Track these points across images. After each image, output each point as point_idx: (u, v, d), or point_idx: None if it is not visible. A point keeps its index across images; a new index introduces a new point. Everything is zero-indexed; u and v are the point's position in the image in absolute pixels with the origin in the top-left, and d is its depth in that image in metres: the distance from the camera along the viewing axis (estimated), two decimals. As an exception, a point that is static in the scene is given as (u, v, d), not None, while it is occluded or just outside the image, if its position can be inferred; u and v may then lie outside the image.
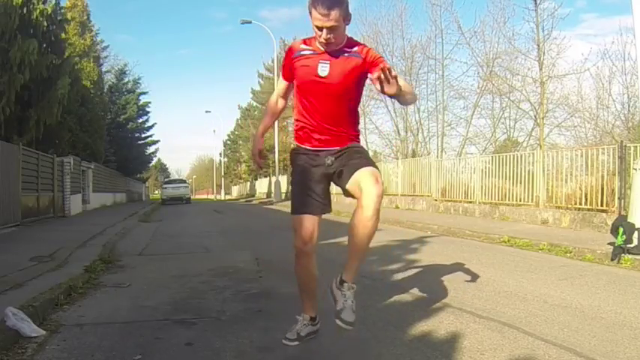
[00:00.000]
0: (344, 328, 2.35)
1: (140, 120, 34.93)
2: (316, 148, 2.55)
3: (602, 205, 7.83)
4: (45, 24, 13.42)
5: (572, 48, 32.98)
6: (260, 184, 40.31)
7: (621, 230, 5.18)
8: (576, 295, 3.76)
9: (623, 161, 7.39)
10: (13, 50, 11.51)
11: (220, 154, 53.41)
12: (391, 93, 2.22)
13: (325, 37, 2.33)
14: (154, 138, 37.69)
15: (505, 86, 17.68)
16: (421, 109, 20.88)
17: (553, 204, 8.99)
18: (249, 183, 46.82)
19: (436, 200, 12.93)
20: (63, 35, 15.77)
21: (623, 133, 14.73)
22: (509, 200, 10.21)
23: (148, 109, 35.58)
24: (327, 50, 2.41)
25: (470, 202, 11.50)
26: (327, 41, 2.35)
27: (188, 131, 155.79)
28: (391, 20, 20.81)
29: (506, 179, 10.34)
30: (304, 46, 2.49)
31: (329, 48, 2.40)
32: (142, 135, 35.89)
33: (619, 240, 5.18)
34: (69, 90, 14.14)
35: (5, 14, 11.48)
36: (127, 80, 33.67)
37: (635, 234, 5.16)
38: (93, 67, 21.99)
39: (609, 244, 5.56)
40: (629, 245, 5.14)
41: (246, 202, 32.35)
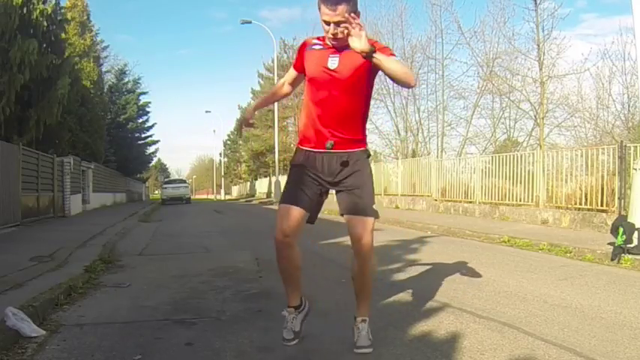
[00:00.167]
0: (363, 352, 2.48)
1: (140, 120, 34.97)
2: (319, 150, 2.54)
3: (602, 205, 7.83)
4: (45, 24, 13.42)
5: (572, 48, 33.08)
6: (260, 184, 40.32)
7: (621, 230, 5.18)
8: (576, 295, 3.76)
9: (623, 161, 7.39)
10: (13, 50, 11.51)
11: (220, 154, 53.47)
12: (359, 49, 2.21)
13: (332, 32, 2.36)
14: (154, 138, 37.81)
15: (505, 86, 17.70)
16: (421, 109, 20.93)
17: (553, 204, 9.00)
18: (249, 183, 46.84)
19: (436, 200, 12.93)
20: (63, 35, 15.77)
21: (623, 133, 14.74)
22: (509, 200, 10.22)
23: (148, 109, 35.67)
24: (336, 46, 2.44)
25: (470, 202, 11.50)
26: (334, 36, 2.38)
27: (188, 131, 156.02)
28: (391, 20, 20.90)
29: (506, 179, 10.35)
30: (317, 41, 2.54)
31: (337, 43, 2.42)
32: (142, 135, 35.93)
33: (619, 240, 5.18)
34: (69, 90, 14.14)
35: (5, 14, 11.47)
36: (127, 80, 33.71)
37: (635, 234, 5.16)
38: (93, 67, 21.99)
39: (609, 244, 5.56)
40: (629, 245, 5.14)
41: (246, 202, 32.37)
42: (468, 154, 18.44)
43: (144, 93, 34.99)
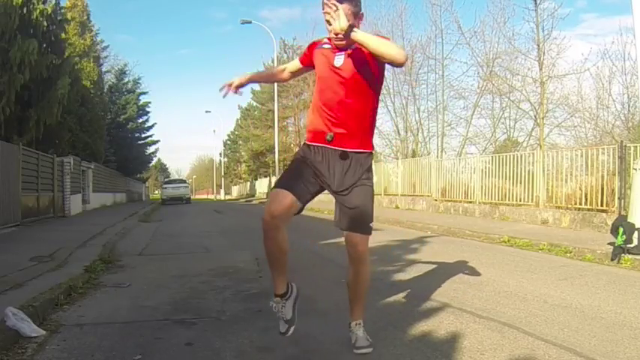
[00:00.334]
0: (363, 353, 2.50)
1: (140, 120, 34.93)
2: (322, 144, 2.54)
3: (602, 205, 7.83)
4: (45, 24, 13.42)
5: (572, 48, 33.05)
6: (260, 184, 40.34)
7: (621, 230, 5.18)
8: (576, 295, 3.76)
9: (623, 161, 7.39)
10: (13, 50, 11.51)
11: (220, 154, 53.43)
12: (338, 28, 2.22)
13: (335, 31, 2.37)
14: (153, 138, 37.74)
15: (505, 86, 17.68)
16: (421, 109, 20.91)
17: (553, 204, 9.00)
18: (249, 183, 46.85)
19: (436, 200, 12.93)
20: (63, 35, 15.76)
21: (623, 133, 14.73)
22: (509, 200, 10.22)
23: (148, 109, 35.63)
24: (340, 45, 2.45)
25: (470, 202, 11.50)
26: (336, 35, 2.38)
27: (188, 131, 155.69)
28: (391, 20, 20.85)
29: (506, 179, 10.35)
30: (326, 41, 2.57)
31: (339, 43, 2.44)
32: (142, 135, 35.90)
33: (619, 240, 5.18)
34: (69, 90, 14.13)
35: (5, 14, 11.47)
36: (127, 80, 33.69)
37: (635, 234, 5.17)
38: (93, 67, 21.99)
39: (609, 244, 5.56)
40: (629, 245, 5.14)
41: (246, 202, 32.37)
42: (468, 154, 18.44)
43: (144, 93, 35.02)
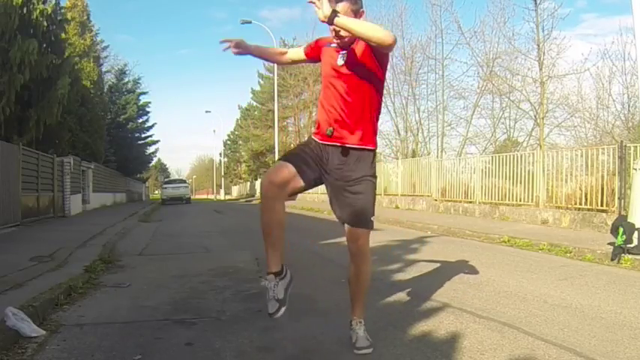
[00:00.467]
0: (363, 353, 2.50)
1: (140, 120, 34.95)
2: (326, 142, 2.56)
3: (602, 205, 7.83)
4: (45, 24, 13.42)
5: (572, 48, 33.03)
6: (260, 184, 40.30)
7: (621, 230, 5.18)
8: (576, 295, 3.76)
9: (623, 161, 7.39)
10: (13, 50, 11.51)
11: (220, 154, 53.43)
12: (321, 16, 2.21)
13: (336, 29, 2.39)
14: (153, 138, 37.78)
15: (505, 86, 17.69)
16: (421, 109, 20.92)
17: (553, 204, 8.99)
18: (249, 183, 46.83)
19: (436, 200, 12.93)
20: (63, 35, 15.77)
21: (623, 133, 14.73)
22: (509, 200, 10.21)
23: (148, 109, 35.66)
24: (341, 44, 2.47)
25: (470, 202, 11.50)
26: (336, 33, 2.41)
27: (188, 131, 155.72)
28: (391, 20, 20.84)
29: (506, 179, 10.34)
30: (335, 41, 2.56)
31: (341, 42, 2.46)
32: (142, 135, 35.92)
33: (619, 240, 5.18)
34: (69, 90, 14.14)
35: (5, 14, 11.47)
36: (127, 80, 33.70)
37: (635, 234, 5.17)
38: (93, 67, 21.99)
39: (609, 244, 5.56)
40: (629, 245, 5.14)
41: (246, 202, 32.36)
42: (468, 154, 18.45)
43: (144, 93, 35.05)
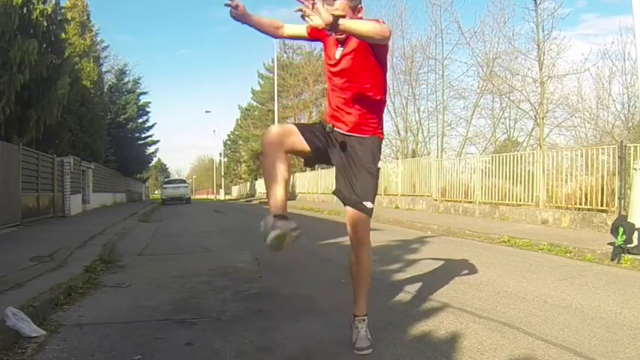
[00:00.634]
0: (363, 354, 2.48)
1: (140, 120, 34.95)
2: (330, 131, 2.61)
3: (602, 205, 7.83)
4: (45, 24, 13.42)
5: (572, 48, 32.99)
6: (260, 184, 40.29)
7: (621, 230, 5.18)
8: (576, 295, 3.76)
9: (623, 161, 7.39)
10: (13, 50, 11.51)
11: (220, 154, 53.43)
12: (322, 24, 2.07)
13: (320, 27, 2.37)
14: (154, 138, 37.77)
15: (505, 86, 17.70)
16: (421, 109, 20.94)
17: (553, 204, 8.99)
18: (249, 183, 46.84)
19: (436, 200, 12.93)
20: (63, 35, 15.76)
21: (623, 133, 14.74)
22: (509, 200, 10.21)
23: (148, 109, 35.65)
24: (340, 39, 2.49)
25: (470, 202, 11.50)
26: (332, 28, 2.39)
27: (188, 131, 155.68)
28: (391, 20, 20.84)
29: (506, 179, 10.35)
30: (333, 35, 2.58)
31: (339, 36, 2.46)
32: (142, 135, 35.91)
33: (619, 240, 5.18)
34: (69, 90, 14.13)
35: (5, 14, 11.47)
36: (127, 80, 33.70)
37: (635, 234, 5.16)
38: (93, 67, 21.99)
39: (609, 244, 5.56)
40: (629, 245, 5.14)
41: (246, 202, 32.37)
42: (468, 154, 18.46)
43: (144, 93, 35.03)
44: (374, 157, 2.60)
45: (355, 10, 2.41)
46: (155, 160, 51.66)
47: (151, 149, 38.68)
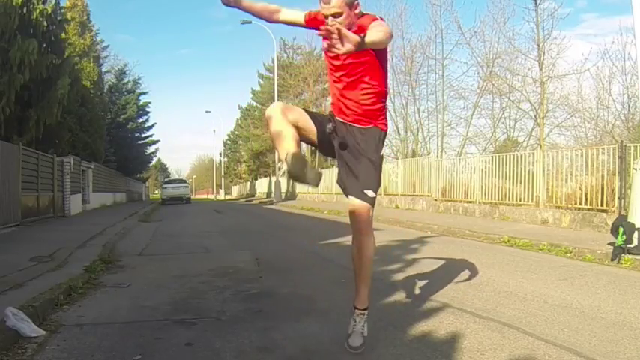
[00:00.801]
0: (351, 352, 2.47)
1: (140, 120, 34.98)
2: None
3: (602, 205, 7.83)
4: (45, 24, 13.43)
5: (572, 48, 33.04)
6: (260, 184, 40.34)
7: (621, 230, 5.18)
8: (576, 295, 3.76)
9: (623, 161, 7.39)
10: (13, 50, 11.52)
11: (220, 154, 53.47)
12: (352, 50, 2.00)
13: (330, 24, 2.36)
14: (154, 138, 37.81)
15: (505, 86, 17.69)
16: (421, 109, 20.92)
17: (553, 204, 8.99)
18: (249, 183, 46.85)
19: (436, 200, 12.93)
20: (63, 35, 15.77)
21: (623, 133, 14.73)
22: (509, 200, 10.21)
23: (148, 109, 35.68)
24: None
25: (470, 202, 11.50)
26: (328, 31, 2.38)
27: (188, 131, 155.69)
28: (391, 20, 20.82)
29: (506, 179, 10.34)
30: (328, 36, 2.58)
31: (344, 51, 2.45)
32: (142, 135, 35.93)
33: (619, 240, 5.17)
34: (69, 90, 14.14)
35: (5, 14, 11.48)
36: (127, 80, 33.72)
37: (635, 234, 5.16)
38: (93, 67, 22.00)
39: (609, 244, 5.56)
40: (629, 245, 5.14)
41: (246, 202, 32.36)
42: (467, 154, 18.44)
43: (144, 93, 35.07)
44: (376, 148, 2.60)
45: (352, 7, 2.38)
46: (155, 160, 51.70)
47: (151, 149, 38.76)
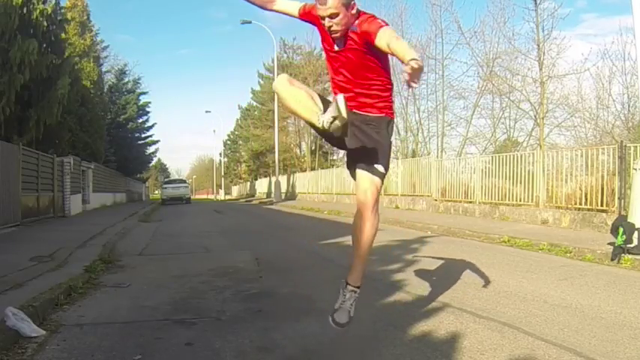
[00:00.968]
0: (334, 327, 2.44)
1: (140, 120, 34.96)
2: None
3: (602, 205, 7.83)
4: (45, 24, 13.43)
5: (572, 48, 32.97)
6: (260, 184, 40.34)
7: (621, 230, 5.18)
8: (576, 295, 3.76)
9: (623, 161, 7.39)
10: (13, 50, 11.52)
11: (220, 154, 53.46)
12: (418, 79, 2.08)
13: (327, 25, 2.38)
14: (153, 138, 37.78)
15: (505, 86, 17.68)
16: (421, 109, 20.92)
17: (553, 204, 8.99)
18: (249, 183, 46.85)
19: (436, 200, 12.92)
20: (63, 35, 15.77)
21: (623, 133, 14.73)
22: (509, 200, 10.21)
23: (148, 109, 35.67)
24: (336, 36, 2.45)
25: (470, 202, 11.49)
26: (329, 29, 2.40)
27: (188, 131, 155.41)
28: (391, 20, 20.81)
29: (506, 179, 10.34)
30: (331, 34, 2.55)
31: (336, 36, 2.44)
32: (142, 135, 35.92)
33: (619, 240, 5.18)
34: (69, 90, 14.14)
35: (5, 14, 11.48)
36: (127, 80, 33.70)
37: (635, 234, 5.16)
38: (93, 67, 21.99)
39: (609, 244, 5.56)
40: (629, 245, 5.14)
41: (246, 202, 32.35)
42: (467, 154, 18.43)
43: (144, 93, 35.05)
44: (386, 132, 2.59)
45: (348, 7, 2.37)
46: (155, 160, 51.67)
47: (151, 149, 38.74)
